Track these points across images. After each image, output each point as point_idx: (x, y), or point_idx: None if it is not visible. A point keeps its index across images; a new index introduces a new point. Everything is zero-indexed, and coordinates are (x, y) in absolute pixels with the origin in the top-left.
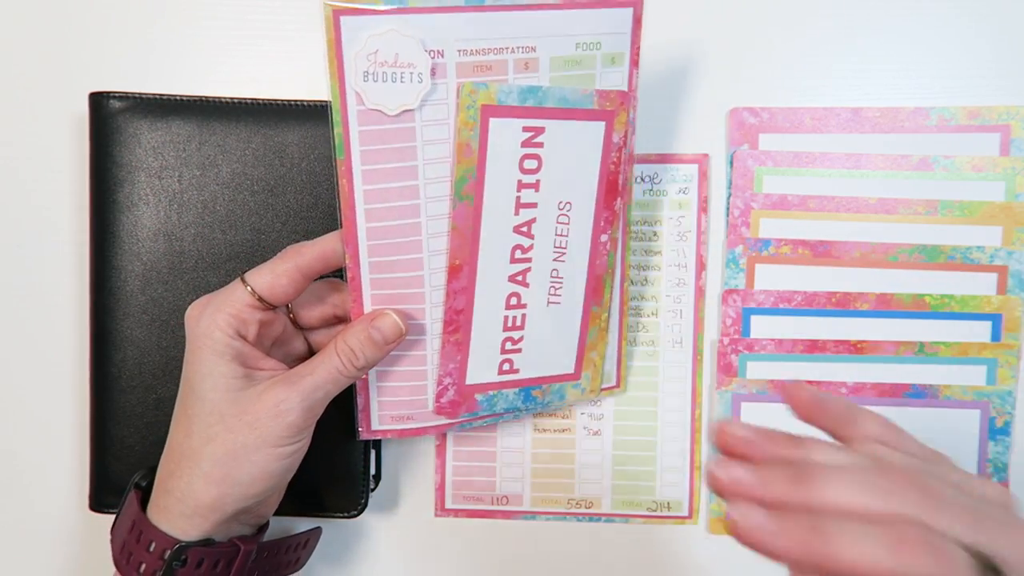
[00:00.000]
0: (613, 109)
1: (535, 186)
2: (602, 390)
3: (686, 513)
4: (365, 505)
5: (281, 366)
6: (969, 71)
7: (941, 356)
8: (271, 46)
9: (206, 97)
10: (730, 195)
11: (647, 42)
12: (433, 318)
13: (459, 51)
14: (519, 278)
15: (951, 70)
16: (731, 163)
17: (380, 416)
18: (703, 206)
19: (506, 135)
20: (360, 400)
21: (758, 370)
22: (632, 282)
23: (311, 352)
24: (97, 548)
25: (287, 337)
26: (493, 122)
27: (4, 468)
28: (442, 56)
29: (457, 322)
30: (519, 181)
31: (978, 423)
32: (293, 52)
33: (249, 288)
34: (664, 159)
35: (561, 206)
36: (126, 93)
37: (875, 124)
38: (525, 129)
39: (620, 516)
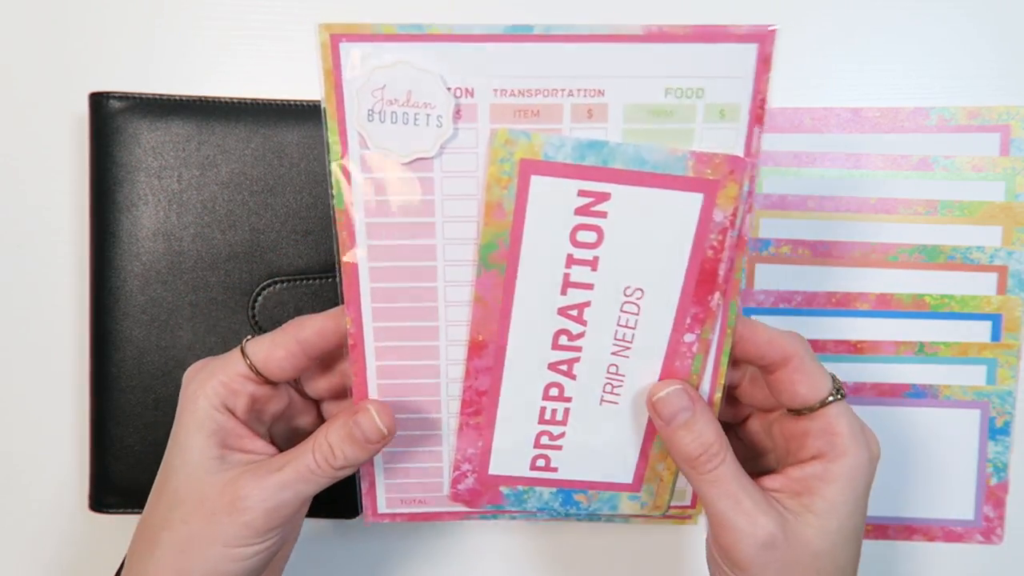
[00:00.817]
0: (717, 179)
1: (591, 264)
2: (671, 508)
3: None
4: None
5: (270, 449)
6: (969, 71)
7: (941, 356)
8: (271, 46)
9: (206, 97)
10: None
11: None
12: (450, 395)
13: (495, 91)
14: (563, 368)
15: (951, 70)
16: None
17: (388, 499)
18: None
19: (554, 199)
20: (364, 482)
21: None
22: None
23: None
24: (97, 548)
25: (293, 412)
26: (536, 181)
27: (4, 468)
28: (471, 95)
29: (478, 404)
30: (569, 255)
31: (978, 423)
32: (293, 52)
33: (246, 359)
34: None
35: (628, 292)
36: (126, 93)
37: (875, 124)
38: (582, 193)
39: (620, 516)
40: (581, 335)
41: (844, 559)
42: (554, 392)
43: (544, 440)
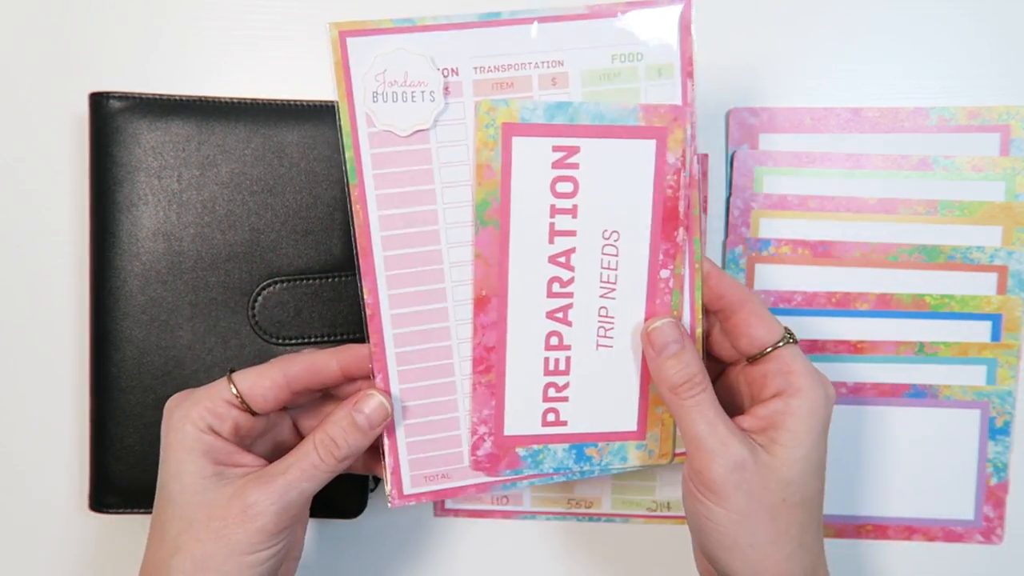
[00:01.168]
0: (665, 126)
1: (572, 212)
2: (676, 455)
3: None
4: (364, 506)
5: (260, 461)
6: (969, 71)
7: (941, 356)
8: (271, 46)
9: (206, 97)
10: (730, 195)
11: None
12: (461, 356)
13: (475, 68)
14: (559, 315)
15: (951, 70)
16: (731, 163)
17: (413, 477)
18: (703, 206)
19: (533, 155)
20: (390, 461)
21: None
22: None
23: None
24: (97, 548)
25: (274, 431)
26: (516, 141)
27: (4, 468)
28: (456, 74)
29: (488, 361)
30: (552, 206)
31: (978, 423)
32: (293, 52)
33: (232, 386)
34: None
35: (607, 235)
36: (126, 93)
37: (875, 124)
38: (556, 149)
39: (620, 516)
40: (571, 281)
41: (811, 490)
42: (554, 341)
43: (552, 392)
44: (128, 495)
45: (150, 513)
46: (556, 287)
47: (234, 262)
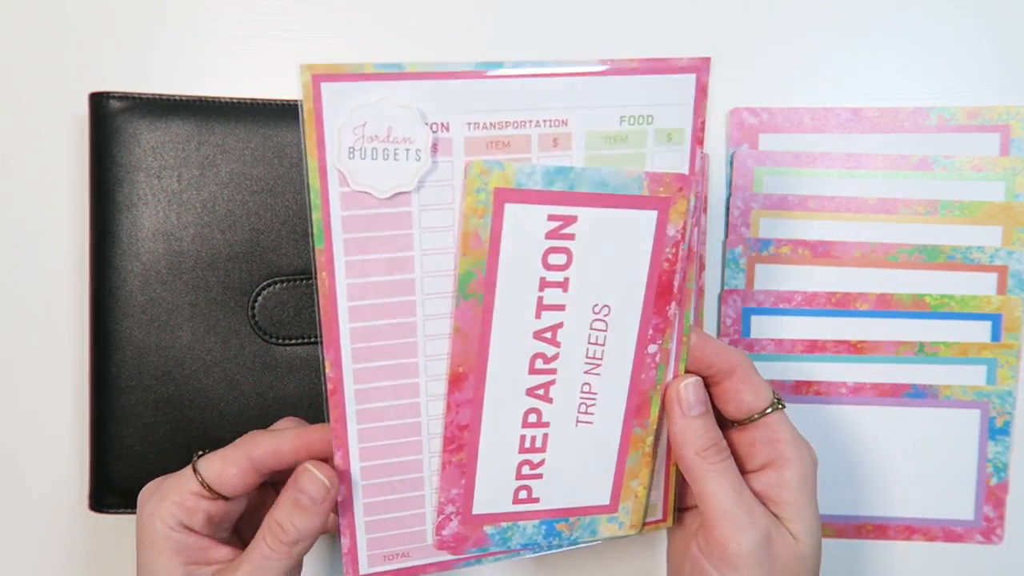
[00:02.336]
0: (669, 196)
1: (563, 285)
2: (645, 525)
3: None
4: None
5: (234, 554)
6: (969, 71)
7: (941, 356)
8: (271, 46)
9: (206, 97)
10: (730, 195)
11: (648, 43)
12: (431, 433)
13: (468, 124)
14: (540, 392)
15: (951, 70)
16: (731, 163)
17: (371, 556)
18: (703, 206)
19: (526, 224)
20: (346, 541)
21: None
22: None
23: None
24: (97, 548)
25: (257, 503)
26: (509, 208)
27: (4, 468)
28: (447, 130)
29: (460, 440)
30: (542, 279)
31: (978, 423)
32: (293, 52)
33: (198, 476)
34: None
35: (597, 310)
36: (126, 93)
37: (875, 124)
38: (551, 218)
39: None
40: (556, 357)
41: (817, 563)
42: (533, 419)
43: (525, 470)
44: (128, 495)
45: None
46: (539, 363)
47: (234, 262)
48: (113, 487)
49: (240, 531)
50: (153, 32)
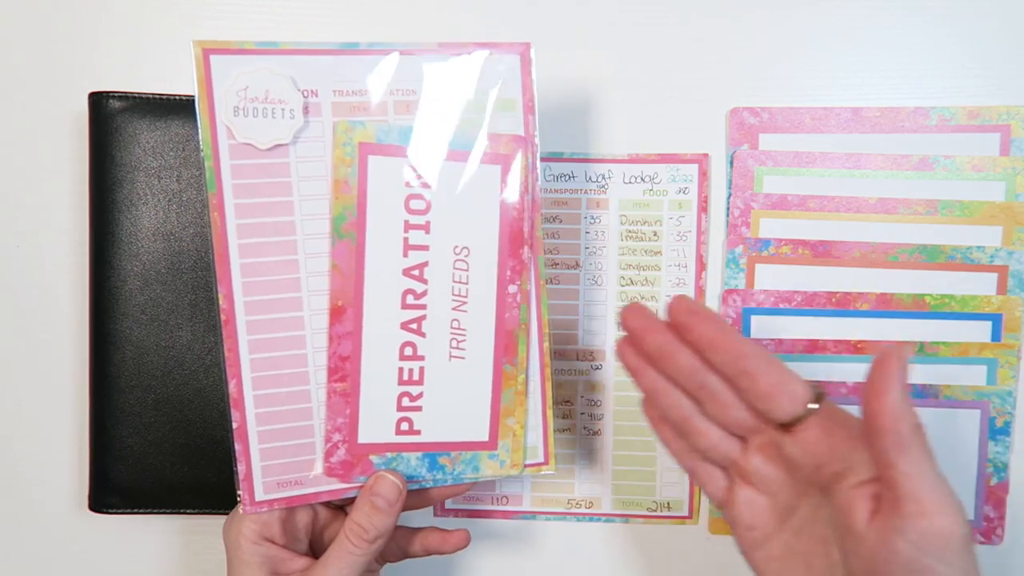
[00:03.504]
0: (508, 153)
1: (424, 228)
2: (526, 467)
3: (686, 513)
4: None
5: (309, 561)
6: (969, 71)
7: (941, 356)
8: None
9: None
10: (730, 195)
11: (647, 42)
12: (316, 364)
13: (334, 91)
14: (413, 326)
15: (951, 70)
16: (731, 163)
17: (265, 483)
18: (703, 206)
19: (388, 174)
20: (241, 468)
21: None
22: (632, 283)
23: None
24: (97, 548)
25: (327, 520)
26: (372, 160)
27: (4, 468)
28: (316, 95)
29: (343, 370)
30: (406, 221)
31: (978, 423)
32: None
33: None
34: (664, 159)
35: (457, 251)
36: (126, 93)
37: (875, 124)
38: (410, 168)
39: (620, 516)
40: (424, 293)
41: None
42: (408, 351)
43: (405, 402)
44: (128, 495)
45: (149, 513)
46: (410, 299)
47: None
48: (113, 487)
49: (314, 547)
50: (153, 32)
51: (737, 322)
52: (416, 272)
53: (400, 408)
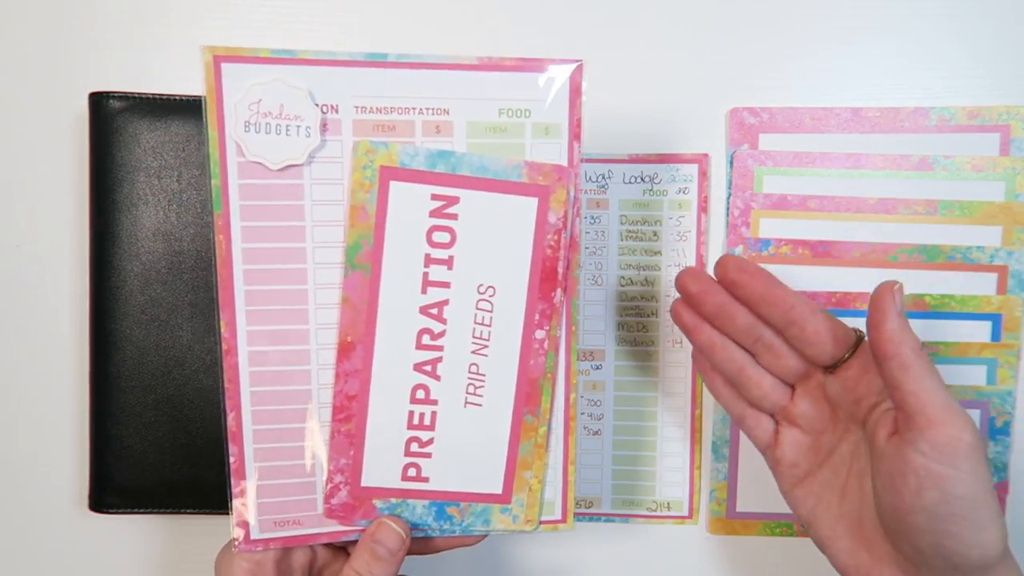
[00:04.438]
0: (548, 184)
1: (447, 263)
2: (542, 523)
3: (686, 513)
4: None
5: None
6: (969, 71)
7: (941, 356)
8: (271, 46)
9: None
10: (730, 195)
11: (648, 43)
12: (321, 402)
13: (356, 107)
14: (427, 368)
15: (951, 70)
16: (731, 163)
17: (262, 522)
18: (703, 206)
19: (410, 202)
20: (236, 502)
21: None
22: (632, 282)
23: None
24: (97, 548)
25: (326, 560)
26: (394, 186)
27: (4, 468)
28: (336, 111)
29: (349, 410)
30: (427, 255)
31: (978, 423)
32: None
33: None
34: (664, 159)
35: (482, 290)
36: (126, 93)
37: (875, 124)
38: (434, 197)
39: (620, 516)
40: (442, 334)
41: None
42: (420, 395)
43: (414, 447)
44: (128, 495)
45: (149, 513)
46: (426, 339)
47: None
48: (113, 487)
49: None
50: (153, 32)
51: None
52: (434, 311)
53: (408, 453)
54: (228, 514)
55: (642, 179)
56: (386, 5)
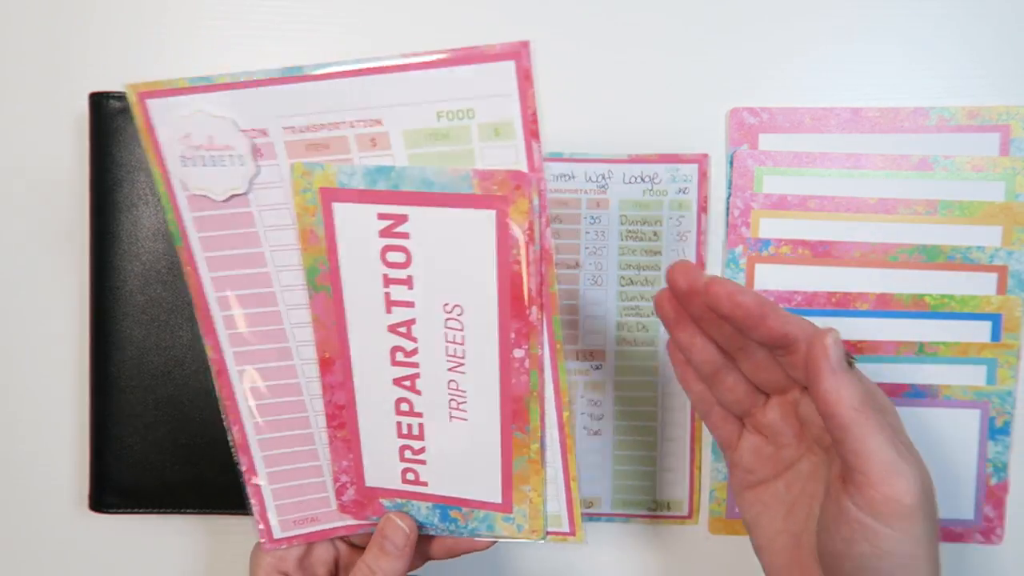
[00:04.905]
0: (505, 194)
1: (407, 283)
2: (549, 534)
3: (686, 513)
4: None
5: None
6: (969, 71)
7: (941, 356)
8: (271, 46)
9: None
10: (730, 195)
11: (648, 42)
12: (315, 410)
13: (284, 128)
14: (406, 383)
15: (951, 70)
16: (731, 163)
17: (282, 522)
18: (703, 206)
19: (357, 222)
20: (255, 507)
21: None
22: (632, 282)
23: None
24: (97, 548)
25: (349, 559)
26: (337, 207)
27: (4, 468)
28: (266, 135)
29: (341, 418)
30: (385, 276)
31: (978, 423)
32: (293, 52)
33: None
34: (664, 159)
35: (448, 309)
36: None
37: (875, 124)
38: (382, 216)
39: (620, 516)
40: (415, 351)
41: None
42: (404, 407)
43: (408, 454)
44: (128, 495)
45: (149, 513)
46: (400, 356)
47: None
48: (113, 487)
49: None
50: (153, 32)
51: None
52: (403, 329)
53: (403, 459)
54: (228, 514)
55: (642, 179)
56: (386, 4)
